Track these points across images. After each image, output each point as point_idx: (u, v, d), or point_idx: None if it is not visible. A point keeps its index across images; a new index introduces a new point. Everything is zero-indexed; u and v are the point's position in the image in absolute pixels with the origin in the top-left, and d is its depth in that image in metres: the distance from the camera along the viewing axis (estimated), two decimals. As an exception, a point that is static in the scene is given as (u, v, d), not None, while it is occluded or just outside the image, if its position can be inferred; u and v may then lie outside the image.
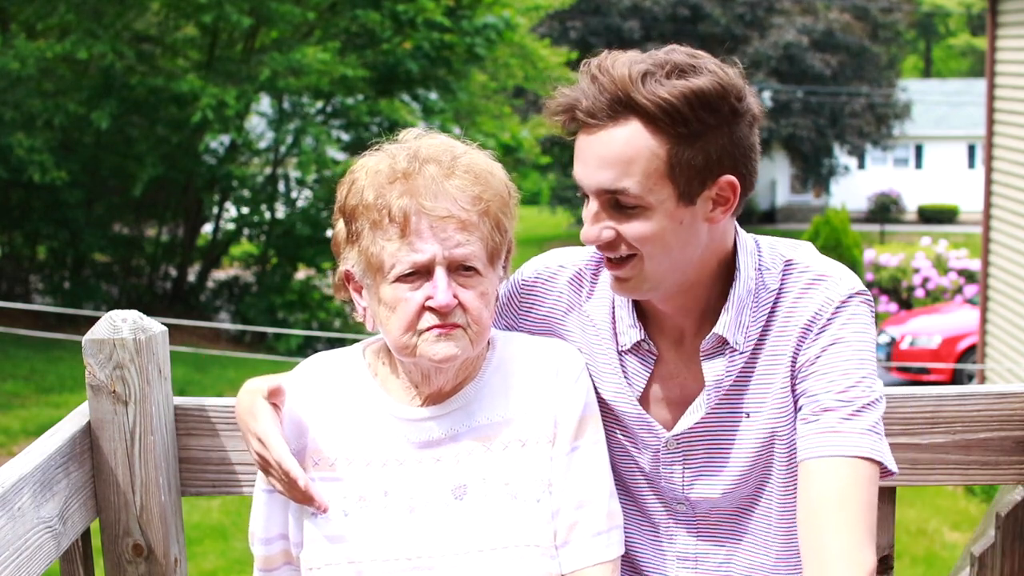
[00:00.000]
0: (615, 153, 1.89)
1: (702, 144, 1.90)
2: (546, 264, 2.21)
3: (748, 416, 2.05)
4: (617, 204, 1.92)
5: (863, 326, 2.00)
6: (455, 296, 1.92)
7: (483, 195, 1.94)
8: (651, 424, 2.09)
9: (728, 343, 2.03)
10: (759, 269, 2.06)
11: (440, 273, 1.91)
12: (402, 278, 1.92)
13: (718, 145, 1.91)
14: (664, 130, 1.88)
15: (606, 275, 2.13)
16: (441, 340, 1.92)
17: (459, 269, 1.93)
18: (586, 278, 2.16)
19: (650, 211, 1.92)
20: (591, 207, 1.95)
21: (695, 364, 2.07)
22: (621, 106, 1.88)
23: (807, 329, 2.00)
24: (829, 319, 1.99)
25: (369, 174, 1.96)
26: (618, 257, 1.96)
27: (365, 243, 1.95)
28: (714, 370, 2.04)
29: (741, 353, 2.03)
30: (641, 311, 2.10)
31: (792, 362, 2.01)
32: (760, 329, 2.04)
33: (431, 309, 1.91)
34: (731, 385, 2.05)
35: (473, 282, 1.94)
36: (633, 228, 1.93)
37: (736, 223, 2.06)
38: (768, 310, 2.04)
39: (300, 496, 1.97)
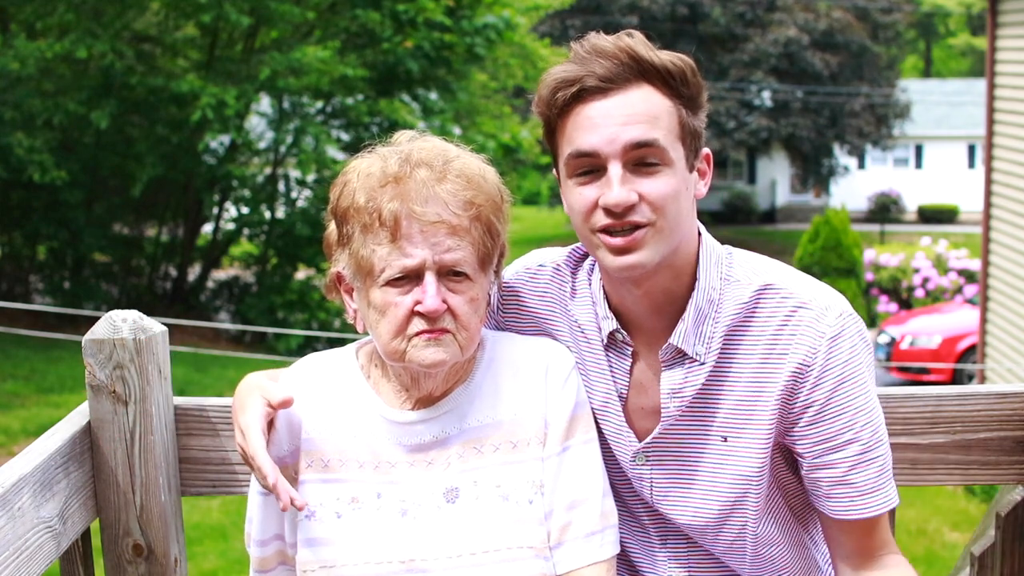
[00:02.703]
0: (641, 110, 1.92)
1: (699, 112, 1.98)
2: (526, 265, 2.21)
3: (726, 440, 2.03)
4: (640, 163, 1.92)
5: (863, 357, 1.99)
6: (444, 301, 1.91)
7: (475, 199, 1.93)
8: (626, 435, 2.08)
9: (687, 354, 2.01)
10: (727, 279, 2.03)
11: (430, 278, 1.90)
12: (392, 282, 1.91)
13: (703, 117, 2.00)
14: (674, 93, 1.94)
15: (585, 273, 2.13)
16: (430, 345, 1.92)
17: (449, 274, 1.92)
18: (567, 274, 2.16)
19: (670, 169, 1.93)
20: (614, 171, 1.91)
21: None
22: (633, 72, 1.92)
23: (804, 367, 1.97)
24: (827, 358, 1.96)
25: (361, 176, 1.96)
26: (630, 227, 1.93)
27: (356, 246, 1.94)
28: (671, 379, 2.03)
29: (702, 364, 2.01)
30: (616, 315, 2.08)
31: (782, 399, 1.99)
32: (724, 341, 2.01)
33: (420, 314, 1.91)
34: (696, 398, 2.03)
35: (463, 287, 1.93)
36: (655, 185, 1.92)
37: (700, 225, 2.06)
38: (737, 324, 2.01)
39: (272, 491, 1.95)
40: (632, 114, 1.91)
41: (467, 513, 1.98)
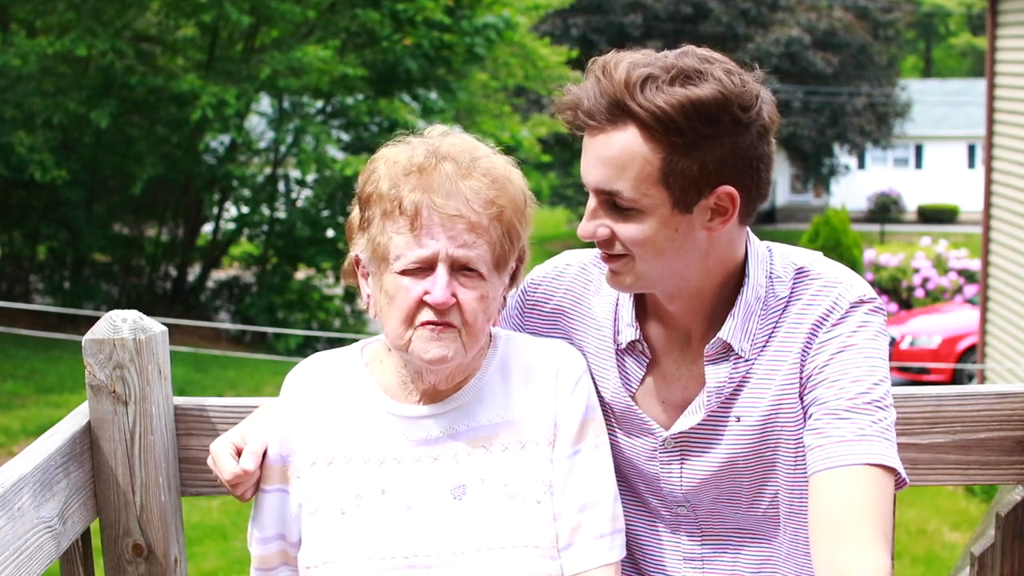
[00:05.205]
0: (610, 156, 1.90)
1: (698, 154, 1.87)
2: (554, 264, 2.24)
3: (739, 420, 2.04)
4: (613, 204, 1.93)
5: (873, 333, 1.98)
6: (453, 295, 1.92)
7: (497, 199, 1.95)
8: (648, 424, 2.09)
9: (733, 349, 2.02)
10: (770, 277, 2.05)
11: (441, 270, 1.92)
12: (405, 271, 1.93)
13: (716, 156, 1.88)
14: (658, 138, 1.87)
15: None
16: (433, 340, 1.93)
17: (462, 269, 1.93)
18: (593, 273, 2.18)
19: (645, 215, 1.92)
20: (590, 203, 1.96)
21: (698, 367, 2.06)
22: (618, 110, 1.88)
23: (813, 332, 1.99)
24: (837, 322, 1.97)
25: (387, 164, 1.98)
26: (613, 253, 1.98)
27: (375, 231, 1.96)
28: (717, 376, 2.04)
29: (747, 360, 2.02)
30: (648, 310, 2.10)
31: (800, 365, 2.00)
32: (767, 337, 2.03)
33: (428, 304, 1.92)
34: (732, 391, 2.04)
35: (473, 283, 1.94)
36: (627, 229, 1.93)
37: (749, 231, 2.05)
38: (776, 318, 2.03)
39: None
40: (601, 158, 1.91)
41: (473, 510, 1.98)
